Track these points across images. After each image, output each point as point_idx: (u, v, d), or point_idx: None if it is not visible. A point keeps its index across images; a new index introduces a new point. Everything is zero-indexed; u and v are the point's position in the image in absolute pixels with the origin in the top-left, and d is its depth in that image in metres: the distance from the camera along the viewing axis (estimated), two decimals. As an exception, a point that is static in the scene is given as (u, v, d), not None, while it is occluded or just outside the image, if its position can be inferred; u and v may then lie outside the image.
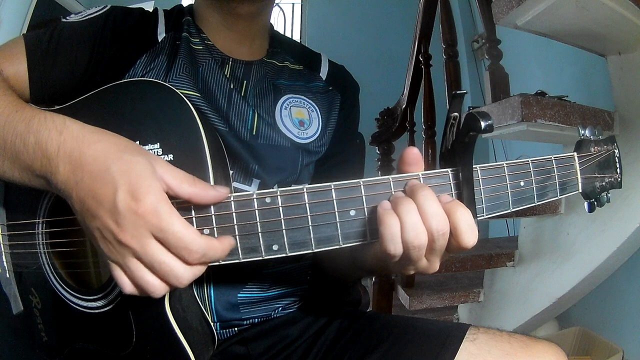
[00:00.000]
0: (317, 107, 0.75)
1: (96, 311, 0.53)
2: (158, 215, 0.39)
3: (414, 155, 0.45)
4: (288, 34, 3.50)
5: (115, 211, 0.40)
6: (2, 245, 0.61)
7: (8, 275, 0.61)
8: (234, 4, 0.68)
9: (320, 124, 0.74)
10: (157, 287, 0.42)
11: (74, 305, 0.55)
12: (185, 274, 0.41)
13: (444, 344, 0.60)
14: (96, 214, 0.41)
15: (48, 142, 0.44)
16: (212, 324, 0.57)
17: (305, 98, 0.74)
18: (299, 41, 1.21)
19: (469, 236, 0.42)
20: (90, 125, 0.45)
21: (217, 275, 0.62)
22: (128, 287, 0.42)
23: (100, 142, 0.43)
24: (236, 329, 0.67)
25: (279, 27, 0.83)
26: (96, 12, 0.67)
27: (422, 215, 0.41)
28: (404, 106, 1.97)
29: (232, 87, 0.68)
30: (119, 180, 0.40)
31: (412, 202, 0.42)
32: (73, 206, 0.43)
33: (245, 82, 0.71)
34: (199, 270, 0.43)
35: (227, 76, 0.69)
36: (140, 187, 0.40)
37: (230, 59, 0.71)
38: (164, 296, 0.45)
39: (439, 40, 1.80)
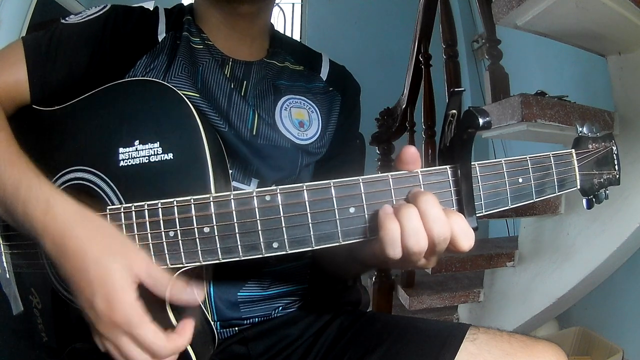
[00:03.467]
0: (317, 108, 0.74)
1: (96, 310, 0.53)
2: (130, 325, 0.43)
3: (412, 154, 0.46)
4: (288, 34, 3.50)
5: (93, 311, 0.44)
6: (1, 245, 0.61)
7: (8, 276, 0.61)
8: (235, 4, 0.68)
9: (320, 125, 0.73)
10: None
11: (74, 305, 0.55)
12: None
13: (444, 344, 0.60)
14: (80, 297, 0.45)
15: (34, 218, 0.46)
16: (212, 323, 0.57)
17: (305, 99, 0.74)
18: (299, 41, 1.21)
19: (464, 241, 0.43)
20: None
21: (216, 273, 0.62)
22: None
23: (80, 237, 0.45)
24: (236, 328, 0.67)
25: (279, 27, 0.83)
26: (96, 12, 0.67)
27: (423, 219, 0.42)
28: (404, 106, 1.96)
29: (232, 87, 0.67)
30: (96, 287, 0.44)
31: (414, 207, 0.43)
32: (61, 275, 0.47)
33: (245, 82, 0.71)
34: None
35: (227, 76, 0.69)
36: (115, 298, 0.43)
37: (231, 59, 0.71)
38: (164, 295, 0.46)
39: (439, 40, 1.80)
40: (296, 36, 3.88)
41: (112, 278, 0.44)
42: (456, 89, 0.44)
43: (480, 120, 0.41)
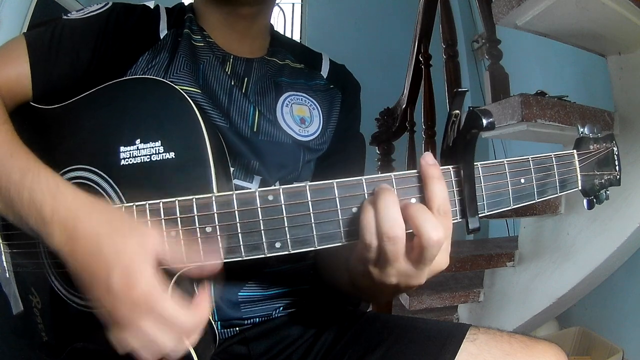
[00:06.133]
0: (318, 105, 0.75)
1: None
2: (151, 300, 0.41)
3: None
4: (288, 34, 3.50)
5: (110, 292, 0.41)
6: (1, 245, 0.61)
7: (8, 275, 0.61)
8: (236, 5, 0.68)
9: (322, 121, 0.74)
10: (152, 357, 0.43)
11: (75, 305, 0.55)
12: (180, 349, 0.43)
13: (444, 344, 0.60)
14: (92, 289, 0.42)
15: (43, 204, 0.44)
16: (213, 323, 0.57)
17: (306, 96, 0.74)
18: (299, 41, 1.21)
19: (430, 231, 0.41)
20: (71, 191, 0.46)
21: (217, 273, 0.62)
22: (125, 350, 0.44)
23: (92, 219, 0.44)
24: (237, 328, 0.67)
25: (279, 27, 0.83)
26: (98, 9, 0.67)
27: (377, 221, 0.42)
28: (404, 106, 1.97)
29: (232, 83, 0.68)
30: (112, 262, 0.41)
31: (393, 194, 0.42)
32: (69, 270, 0.44)
33: (246, 79, 0.71)
34: (192, 342, 0.45)
35: (228, 73, 0.69)
36: (133, 270, 0.41)
37: (232, 56, 0.71)
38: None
39: (439, 40, 1.80)
40: (296, 36, 3.88)
41: (129, 252, 0.42)
42: (460, 90, 0.44)
43: (484, 121, 0.41)
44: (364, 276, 0.47)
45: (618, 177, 0.58)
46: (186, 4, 0.76)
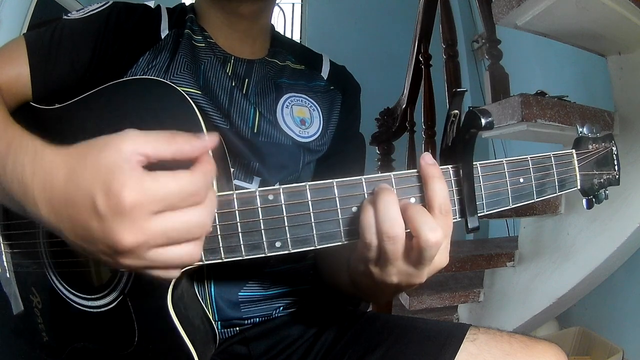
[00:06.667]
0: (318, 106, 0.75)
1: (98, 310, 0.53)
2: (148, 194, 0.35)
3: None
4: (288, 34, 3.50)
5: (102, 221, 0.36)
6: (2, 244, 0.61)
7: (8, 275, 0.61)
8: (236, 3, 0.69)
9: (322, 123, 0.74)
10: (190, 252, 0.39)
11: (75, 305, 0.55)
12: (206, 216, 0.38)
13: (444, 344, 0.60)
14: (91, 239, 0.37)
15: (25, 166, 0.41)
16: (213, 322, 0.57)
17: (306, 97, 0.75)
18: (299, 42, 1.22)
19: (427, 232, 0.41)
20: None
21: (217, 273, 0.62)
22: (175, 273, 0.40)
23: (66, 162, 0.39)
24: (237, 328, 0.67)
25: (279, 27, 0.83)
26: (98, 8, 0.67)
27: (377, 220, 0.41)
28: (404, 106, 1.97)
29: (233, 84, 0.68)
30: (91, 187, 0.36)
31: (392, 194, 0.42)
32: (67, 239, 0.40)
33: (247, 80, 0.71)
34: (213, 205, 0.40)
35: (229, 74, 0.69)
36: (112, 181, 0.35)
37: (232, 57, 0.71)
38: (166, 294, 0.45)
39: (439, 40, 1.80)
40: (296, 36, 3.88)
41: (104, 167, 0.36)
42: (458, 90, 0.44)
43: (483, 121, 0.41)
44: (365, 276, 0.47)
45: (617, 176, 0.58)
46: (187, 4, 0.76)
